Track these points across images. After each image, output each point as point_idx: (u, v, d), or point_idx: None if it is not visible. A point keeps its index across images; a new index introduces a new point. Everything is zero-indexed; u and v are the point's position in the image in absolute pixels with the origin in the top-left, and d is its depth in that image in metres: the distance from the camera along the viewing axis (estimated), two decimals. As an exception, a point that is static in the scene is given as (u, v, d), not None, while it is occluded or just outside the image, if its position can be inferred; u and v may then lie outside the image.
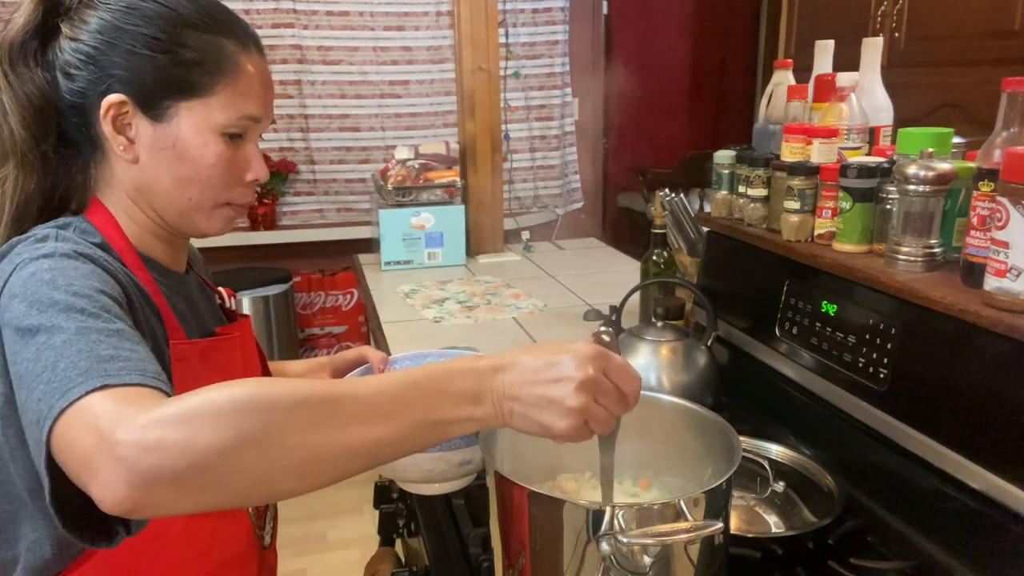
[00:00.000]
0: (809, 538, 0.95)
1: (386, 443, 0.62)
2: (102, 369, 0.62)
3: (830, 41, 1.39)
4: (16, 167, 0.82)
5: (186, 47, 0.81)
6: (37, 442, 0.61)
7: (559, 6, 3.65)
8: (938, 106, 2.27)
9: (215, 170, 0.85)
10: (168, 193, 0.85)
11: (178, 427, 0.56)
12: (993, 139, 0.93)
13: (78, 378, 0.61)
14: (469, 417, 0.65)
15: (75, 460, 0.58)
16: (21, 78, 0.81)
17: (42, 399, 0.61)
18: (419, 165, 2.56)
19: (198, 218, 0.88)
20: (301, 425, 0.59)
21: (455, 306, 2.09)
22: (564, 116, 3.77)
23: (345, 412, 0.61)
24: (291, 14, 3.36)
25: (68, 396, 0.60)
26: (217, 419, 0.57)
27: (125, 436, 0.56)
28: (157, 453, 0.55)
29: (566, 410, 0.64)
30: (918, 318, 1.00)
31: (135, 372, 0.63)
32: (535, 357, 0.66)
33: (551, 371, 0.65)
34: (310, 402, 0.60)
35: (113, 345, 0.65)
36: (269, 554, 1.01)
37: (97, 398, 0.59)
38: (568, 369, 0.65)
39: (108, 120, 0.81)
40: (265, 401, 0.58)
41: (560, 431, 0.65)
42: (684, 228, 1.80)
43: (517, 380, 0.65)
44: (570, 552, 0.74)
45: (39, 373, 0.63)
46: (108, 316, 0.68)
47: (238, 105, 0.84)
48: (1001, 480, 0.87)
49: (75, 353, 0.63)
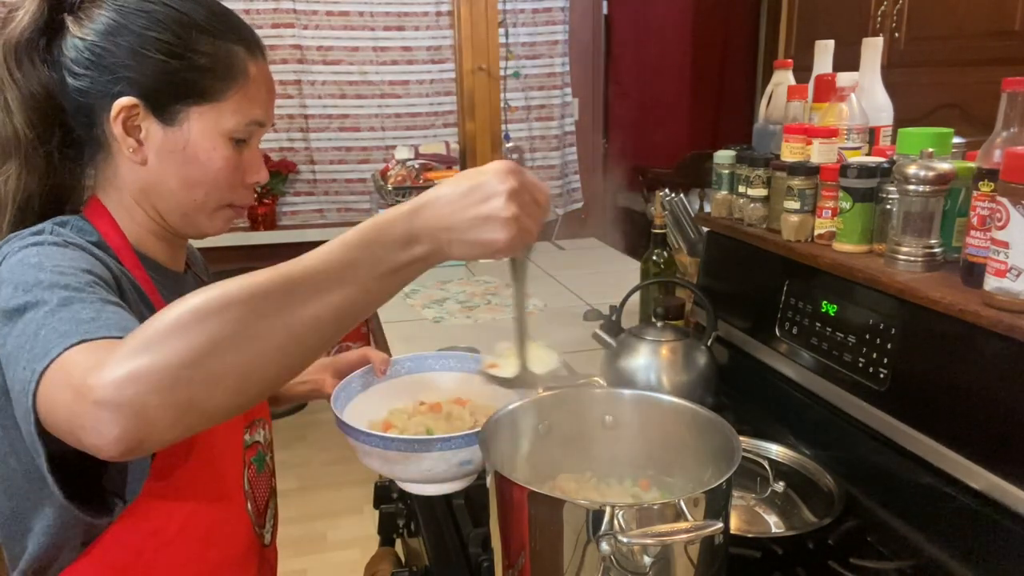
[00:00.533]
0: (809, 538, 0.95)
1: (347, 305, 0.64)
2: (81, 329, 0.63)
3: (830, 41, 1.39)
4: (20, 166, 0.82)
5: (199, 52, 0.82)
6: (26, 411, 0.62)
7: (559, 6, 3.65)
8: (938, 106, 2.27)
9: (222, 173, 0.86)
10: (174, 195, 0.86)
11: (145, 352, 0.56)
12: (993, 139, 0.93)
13: (57, 339, 0.62)
14: (412, 259, 0.66)
15: (61, 420, 0.59)
16: (27, 76, 0.81)
17: (25, 366, 0.62)
18: (419, 165, 2.56)
19: (200, 219, 0.89)
20: (263, 312, 0.60)
21: (455, 306, 2.09)
22: (564, 116, 3.77)
23: (299, 289, 0.62)
24: (291, 14, 3.36)
25: (47, 357, 0.61)
26: (181, 331, 0.57)
27: (97, 379, 0.56)
28: (133, 384, 0.55)
29: (503, 221, 0.66)
30: (918, 318, 1.00)
31: (114, 328, 0.64)
32: (455, 185, 0.67)
33: (477, 192, 0.66)
34: (264, 288, 0.61)
35: (95, 309, 0.66)
36: (269, 552, 1.02)
37: (71, 353, 0.60)
38: (493, 185, 0.66)
39: (119, 122, 0.81)
40: (222, 300, 0.59)
41: (503, 243, 0.67)
42: (684, 228, 1.80)
43: (445, 211, 0.66)
44: (570, 552, 0.74)
45: (23, 344, 0.64)
46: (93, 291, 0.69)
47: (246, 111, 0.85)
48: (1001, 480, 0.87)
49: (56, 320, 0.64)
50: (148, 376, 0.56)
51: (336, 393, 1.09)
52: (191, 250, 1.04)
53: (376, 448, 0.97)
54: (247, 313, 0.59)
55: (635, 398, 0.97)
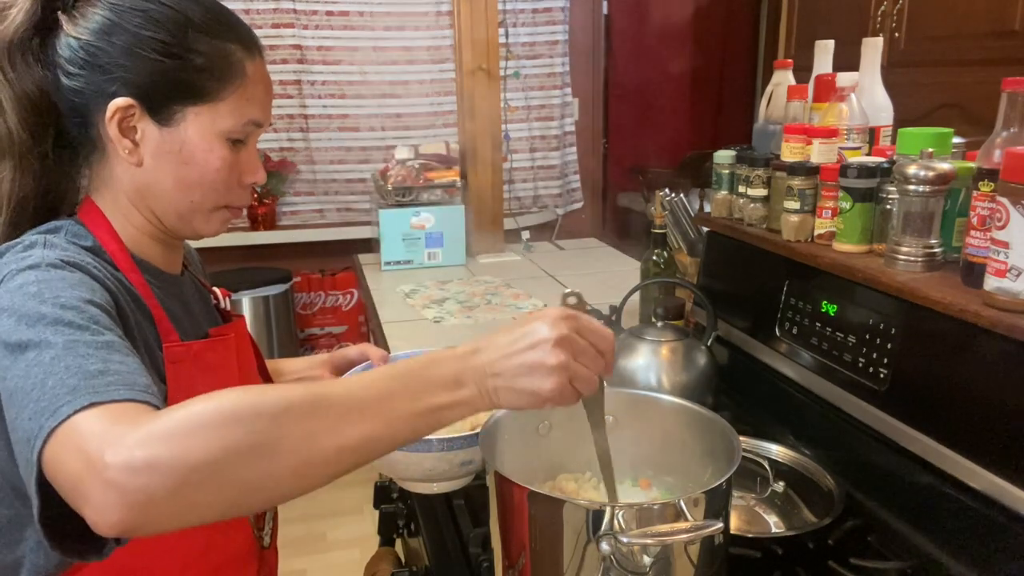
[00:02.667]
0: (809, 538, 0.95)
1: (376, 438, 0.63)
2: (90, 386, 0.61)
3: (830, 41, 1.39)
4: (13, 167, 0.81)
5: (195, 52, 0.81)
6: (28, 462, 0.60)
7: (559, 6, 3.65)
8: (938, 106, 2.27)
9: (219, 174, 0.85)
10: (170, 196, 0.85)
11: (166, 444, 0.55)
12: (993, 139, 0.93)
13: (66, 396, 0.60)
14: (453, 402, 0.65)
15: (66, 483, 0.58)
16: (20, 75, 0.80)
17: (32, 418, 0.60)
18: (419, 165, 2.56)
19: (197, 220, 0.88)
20: (289, 430, 0.59)
21: (455, 306, 2.09)
22: (564, 116, 3.77)
23: (332, 413, 0.61)
24: (291, 14, 3.36)
25: (57, 416, 0.59)
26: (205, 432, 0.56)
27: (113, 458, 0.55)
28: (147, 473, 0.55)
29: (548, 369, 0.65)
30: (918, 318, 1.00)
31: (123, 387, 0.62)
32: (508, 332, 0.67)
33: (526, 339, 0.66)
34: (296, 406, 0.60)
35: (102, 359, 0.64)
36: (269, 554, 1.01)
37: (84, 417, 0.59)
38: (542, 332, 0.66)
39: (114, 123, 0.80)
40: (252, 409, 0.58)
41: (547, 392, 0.66)
42: (684, 228, 1.80)
43: (495, 357, 0.66)
44: (570, 552, 0.74)
45: (28, 391, 0.62)
46: (97, 328, 0.68)
47: (244, 111, 0.84)
48: (1001, 480, 0.87)
49: (63, 370, 0.62)
50: (163, 470, 0.55)
51: None
52: (188, 250, 1.04)
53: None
54: (274, 427, 0.58)
55: (635, 398, 0.97)
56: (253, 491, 0.59)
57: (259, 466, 0.58)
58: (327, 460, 0.61)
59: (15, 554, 0.79)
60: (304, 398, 0.60)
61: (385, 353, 1.17)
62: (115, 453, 0.55)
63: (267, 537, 1.00)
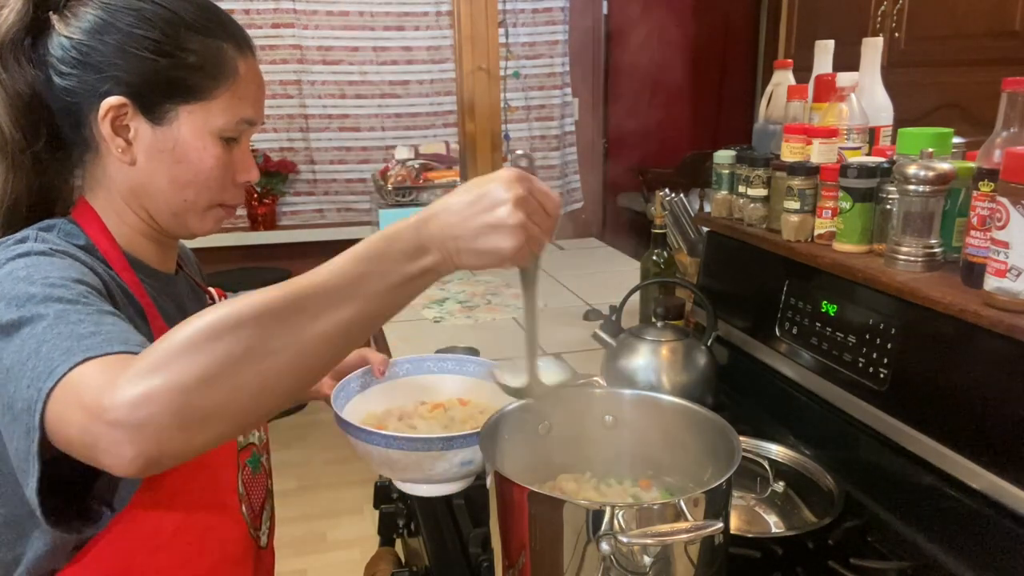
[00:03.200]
0: (809, 538, 0.95)
1: (358, 319, 0.64)
2: (83, 345, 0.62)
3: (830, 41, 1.39)
4: (6, 167, 0.81)
5: (188, 51, 0.81)
6: (30, 429, 0.61)
7: (559, 6, 3.65)
8: (938, 106, 2.27)
9: (212, 173, 0.85)
10: (164, 194, 0.85)
11: (158, 372, 0.57)
12: (993, 139, 0.93)
13: (60, 357, 0.61)
14: (421, 269, 0.66)
15: (74, 439, 0.59)
16: (12, 75, 0.79)
17: (31, 384, 0.62)
18: (419, 165, 2.56)
19: (191, 219, 0.88)
20: (274, 329, 0.60)
21: (455, 306, 2.09)
22: (564, 116, 3.77)
23: (309, 304, 0.62)
24: (291, 14, 3.36)
25: (53, 376, 0.60)
26: (193, 351, 0.57)
27: (111, 400, 0.56)
28: (146, 404, 0.56)
29: (509, 229, 0.66)
30: (918, 318, 1.00)
31: (116, 342, 0.63)
32: (462, 194, 0.67)
33: (484, 200, 0.66)
34: (275, 305, 0.61)
35: (93, 322, 0.66)
36: (266, 554, 1.01)
37: (80, 372, 0.60)
38: (499, 193, 0.66)
39: (107, 121, 0.80)
40: (233, 318, 0.59)
41: (509, 251, 0.66)
42: (684, 228, 1.80)
43: (453, 220, 0.66)
44: (570, 552, 0.74)
45: (24, 361, 0.63)
46: (87, 300, 0.69)
47: (236, 109, 0.84)
48: (1001, 480, 0.87)
49: (55, 336, 0.63)
50: (161, 396, 0.56)
51: (335, 393, 1.09)
52: (183, 250, 1.04)
53: (377, 447, 0.97)
54: (258, 331, 0.60)
55: (635, 398, 0.97)
56: (256, 395, 0.60)
57: (254, 369, 0.59)
58: (317, 349, 0.62)
59: (15, 552, 0.79)
60: (280, 296, 0.62)
61: (384, 357, 1.17)
62: (111, 395, 0.56)
63: (264, 537, 1.00)
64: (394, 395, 1.17)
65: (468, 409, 1.13)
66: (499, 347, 1.68)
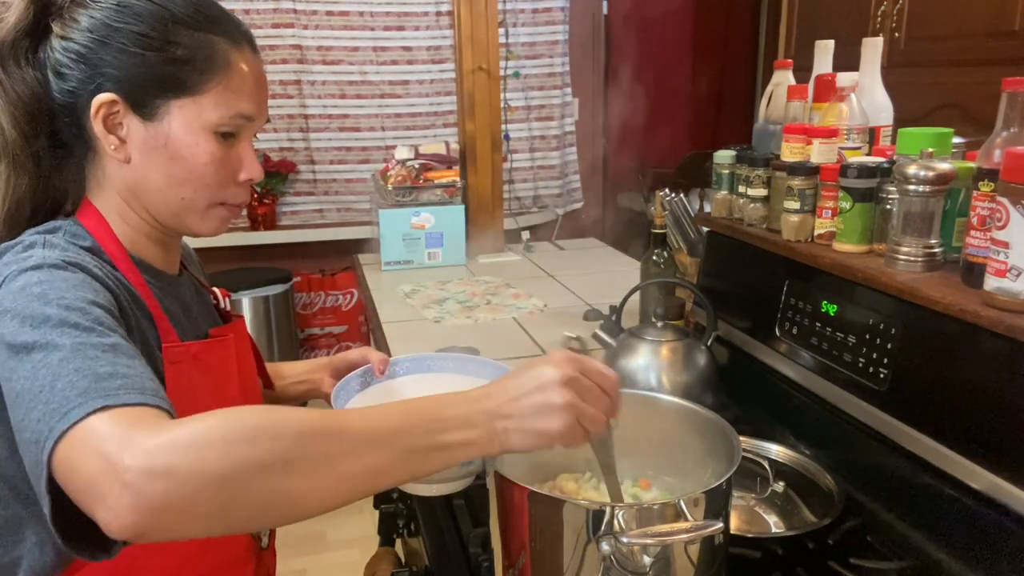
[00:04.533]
0: (809, 538, 0.95)
1: (384, 470, 0.64)
2: (101, 388, 0.61)
3: (830, 41, 1.39)
4: (8, 169, 0.81)
5: (177, 44, 0.81)
6: (37, 463, 0.60)
7: (559, 6, 3.65)
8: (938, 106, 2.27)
9: (208, 169, 0.84)
10: (161, 193, 0.85)
11: (186, 453, 0.56)
12: (993, 139, 0.93)
13: (77, 398, 0.60)
14: (463, 441, 0.66)
15: (80, 484, 0.58)
16: (12, 78, 0.80)
17: (41, 419, 0.60)
18: (419, 165, 2.56)
19: (192, 218, 0.87)
20: (306, 451, 0.60)
21: (455, 306, 2.09)
22: (564, 116, 3.77)
23: (348, 439, 0.62)
24: (291, 14, 3.36)
25: (69, 417, 0.59)
26: (225, 446, 0.57)
27: (133, 461, 0.55)
28: (165, 480, 0.55)
29: (557, 409, 0.67)
30: (918, 318, 1.00)
31: (134, 391, 0.62)
32: (516, 376, 0.69)
33: (533, 382, 0.68)
34: (315, 429, 0.61)
35: (110, 361, 0.64)
36: (267, 555, 1.01)
37: (99, 420, 0.59)
38: (548, 374, 0.68)
39: (99, 119, 0.80)
40: (272, 428, 0.59)
41: (557, 431, 0.67)
42: (684, 228, 1.80)
43: (504, 399, 0.68)
44: (570, 552, 0.74)
45: (37, 392, 0.62)
46: (102, 329, 0.68)
47: (230, 103, 0.84)
48: (1001, 480, 0.87)
49: (72, 372, 0.62)
50: (181, 478, 0.55)
51: (335, 392, 1.09)
52: (187, 250, 1.04)
53: None
54: (291, 449, 0.59)
55: (635, 398, 0.97)
56: (265, 507, 0.59)
57: (274, 483, 0.59)
58: (339, 485, 0.62)
59: (12, 555, 0.79)
60: (323, 422, 0.62)
61: (385, 357, 1.17)
62: (134, 456, 0.56)
63: (265, 538, 1.00)
64: (394, 394, 1.17)
65: None
66: (499, 347, 1.68)
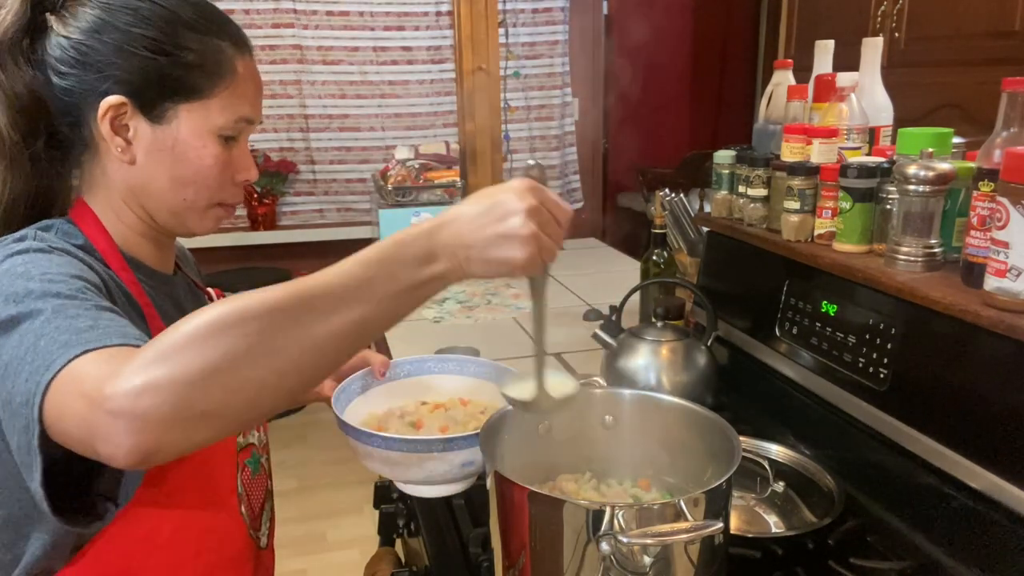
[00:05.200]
0: (809, 538, 0.95)
1: (364, 322, 0.64)
2: (82, 338, 0.62)
3: (830, 41, 1.39)
4: (5, 168, 0.81)
5: (187, 49, 0.81)
6: (29, 423, 0.61)
7: (559, 6, 3.65)
8: (938, 106, 2.27)
9: (212, 171, 0.85)
10: (163, 194, 0.85)
11: (161, 364, 0.57)
12: (993, 139, 0.93)
13: (59, 351, 0.61)
14: (430, 276, 0.67)
15: (72, 429, 0.59)
16: (10, 76, 0.79)
17: (28, 378, 0.62)
18: (419, 165, 2.56)
19: (191, 218, 0.88)
20: (279, 326, 0.60)
21: (455, 306, 2.09)
22: (564, 116, 3.77)
23: (316, 304, 0.62)
24: (291, 14, 3.36)
25: (51, 368, 0.60)
26: (198, 344, 0.57)
27: (113, 389, 0.56)
28: (148, 394, 0.56)
29: (522, 239, 0.67)
30: (918, 318, 1.00)
31: (114, 335, 0.64)
32: (475, 203, 0.68)
33: (497, 210, 0.67)
34: (282, 303, 0.61)
35: (91, 316, 0.66)
36: (266, 555, 1.01)
37: (79, 363, 0.60)
38: (512, 203, 0.67)
39: (106, 121, 0.80)
40: (239, 314, 0.59)
41: (520, 261, 0.67)
42: (684, 228, 1.80)
43: (465, 228, 0.67)
44: (570, 552, 0.74)
45: (22, 356, 0.63)
46: (85, 296, 0.69)
47: (235, 107, 0.85)
48: (1001, 480, 0.87)
49: (53, 330, 0.63)
50: (163, 387, 0.56)
51: (336, 395, 1.09)
52: (181, 250, 1.04)
53: (377, 449, 0.97)
54: (264, 327, 0.59)
55: (635, 398, 0.97)
56: (257, 392, 0.60)
57: (259, 365, 0.59)
58: (322, 349, 0.62)
59: (13, 552, 0.79)
60: (288, 295, 0.62)
61: (385, 359, 1.17)
62: (113, 384, 0.56)
63: (264, 538, 1.00)
64: (395, 396, 1.17)
65: (469, 409, 1.14)
66: (499, 347, 1.68)
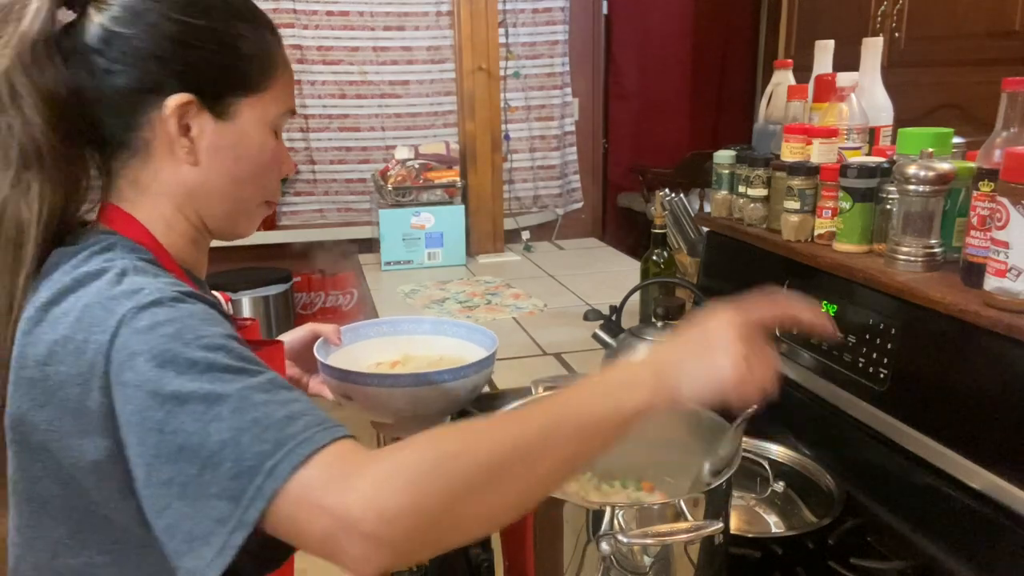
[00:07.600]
0: (809, 538, 0.95)
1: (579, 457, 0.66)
2: (291, 436, 0.59)
3: (830, 41, 1.39)
4: (41, 179, 0.72)
5: (245, 40, 0.77)
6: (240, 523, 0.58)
7: (559, 6, 3.65)
8: (938, 106, 2.27)
9: (271, 167, 0.82)
10: (223, 195, 0.80)
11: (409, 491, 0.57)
12: (993, 139, 0.93)
13: (274, 452, 0.58)
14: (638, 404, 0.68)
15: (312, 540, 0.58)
16: (45, 75, 0.71)
17: (238, 477, 0.58)
18: (419, 165, 2.56)
19: (242, 219, 0.84)
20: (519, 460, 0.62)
21: (455, 306, 2.09)
22: (564, 116, 3.77)
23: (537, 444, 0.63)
24: (291, 14, 3.36)
25: (276, 475, 0.58)
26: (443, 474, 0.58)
27: (362, 513, 0.56)
28: (400, 521, 0.56)
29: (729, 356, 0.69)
30: (918, 318, 1.00)
31: (318, 428, 0.61)
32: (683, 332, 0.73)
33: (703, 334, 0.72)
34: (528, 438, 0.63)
35: (279, 402, 0.62)
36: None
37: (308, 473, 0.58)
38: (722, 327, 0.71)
39: (173, 120, 0.74)
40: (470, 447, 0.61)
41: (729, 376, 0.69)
42: (684, 228, 1.80)
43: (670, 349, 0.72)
44: (570, 552, 0.74)
45: (218, 450, 0.59)
46: (254, 368, 0.64)
47: (285, 99, 0.81)
48: (1001, 480, 0.87)
49: (252, 423, 0.60)
50: (413, 516, 0.57)
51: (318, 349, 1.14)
52: None
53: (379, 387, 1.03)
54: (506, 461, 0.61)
55: (635, 398, 0.97)
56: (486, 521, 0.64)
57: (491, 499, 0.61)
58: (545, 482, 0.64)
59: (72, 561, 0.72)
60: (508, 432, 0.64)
61: (336, 327, 1.19)
62: (361, 507, 0.56)
63: None
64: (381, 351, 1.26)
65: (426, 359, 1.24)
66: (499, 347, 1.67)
